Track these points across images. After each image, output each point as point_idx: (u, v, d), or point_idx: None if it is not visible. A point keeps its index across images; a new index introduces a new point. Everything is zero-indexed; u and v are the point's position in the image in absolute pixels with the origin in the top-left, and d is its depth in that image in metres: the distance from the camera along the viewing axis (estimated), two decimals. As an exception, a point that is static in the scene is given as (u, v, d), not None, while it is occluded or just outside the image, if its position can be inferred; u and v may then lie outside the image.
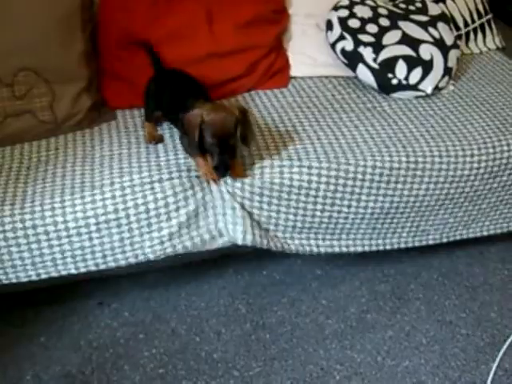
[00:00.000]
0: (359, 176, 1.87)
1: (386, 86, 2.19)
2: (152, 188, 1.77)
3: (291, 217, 1.91)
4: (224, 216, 1.86)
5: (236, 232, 1.88)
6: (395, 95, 2.20)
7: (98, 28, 2.15)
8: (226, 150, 1.71)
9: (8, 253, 1.72)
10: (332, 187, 1.87)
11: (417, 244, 2.13)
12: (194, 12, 2.16)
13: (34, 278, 1.79)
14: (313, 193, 1.86)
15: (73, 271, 1.82)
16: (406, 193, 1.93)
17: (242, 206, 1.85)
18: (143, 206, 1.76)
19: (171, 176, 1.79)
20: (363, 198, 1.91)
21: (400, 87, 2.17)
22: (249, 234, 1.88)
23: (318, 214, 1.92)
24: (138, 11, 2.13)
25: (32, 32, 1.94)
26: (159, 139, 1.98)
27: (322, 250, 2.02)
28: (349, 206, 1.92)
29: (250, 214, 1.88)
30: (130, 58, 2.15)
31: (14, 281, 1.78)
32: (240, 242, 1.89)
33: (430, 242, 2.14)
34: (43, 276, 1.80)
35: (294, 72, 2.35)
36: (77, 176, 1.82)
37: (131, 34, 2.11)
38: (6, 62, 1.93)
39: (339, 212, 1.93)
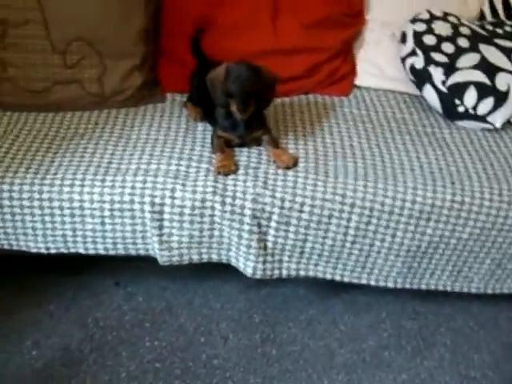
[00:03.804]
0: (396, 210, 1.73)
1: (451, 113, 2.02)
2: (173, 190, 1.70)
3: (318, 246, 1.80)
4: (237, 248, 1.78)
5: (247, 267, 1.81)
6: (460, 123, 2.03)
7: (162, 7, 2.10)
8: (248, 91, 1.68)
9: (22, 220, 1.72)
10: (365, 219, 1.74)
11: (457, 289, 1.95)
12: (261, 4, 2.07)
13: (43, 250, 1.78)
14: (344, 223, 1.74)
15: (81, 251, 1.80)
16: (447, 234, 1.78)
17: (261, 240, 1.76)
18: (159, 206, 1.70)
19: (195, 184, 1.71)
20: (399, 233, 1.77)
21: (466, 116, 2.00)
22: (259, 270, 1.81)
23: (348, 245, 1.79)
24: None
25: (90, 2, 1.91)
26: (202, 116, 1.96)
27: (347, 279, 1.90)
28: (382, 241, 1.78)
29: (266, 247, 1.78)
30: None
31: (24, 249, 1.78)
32: (249, 276, 1.82)
33: (473, 291, 1.96)
34: (52, 250, 1.79)
35: (358, 81, 2.22)
36: (106, 155, 1.79)
37: (193, 18, 2.05)
38: (61, 30, 1.91)
39: (371, 245, 1.80)
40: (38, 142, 1.84)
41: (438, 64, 2.01)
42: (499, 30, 2.13)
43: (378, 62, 2.20)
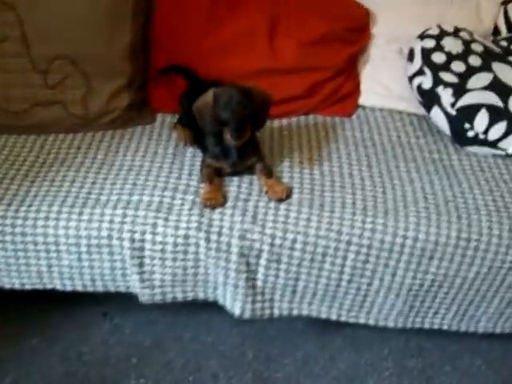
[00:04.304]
0: (396, 248, 1.59)
1: (460, 137, 1.87)
2: (154, 225, 1.58)
3: (311, 285, 1.67)
4: (224, 287, 1.66)
5: (234, 307, 1.68)
6: (470, 149, 1.87)
7: (152, 22, 1.97)
8: (241, 115, 1.56)
9: (-6, 255, 1.62)
10: (363, 257, 1.60)
11: (463, 329, 1.81)
12: (256, 21, 1.95)
13: (17, 286, 1.68)
14: (339, 261, 1.61)
15: (58, 287, 1.69)
16: (451, 273, 1.64)
17: (250, 278, 1.63)
18: (139, 242, 1.58)
19: (179, 219, 1.59)
20: (399, 272, 1.63)
21: (476, 141, 1.84)
22: (248, 310, 1.68)
23: (344, 284, 1.66)
24: (194, 12, 1.94)
25: (74, 17, 1.80)
26: (192, 140, 1.84)
27: (344, 319, 1.76)
28: (381, 280, 1.65)
29: (255, 286, 1.65)
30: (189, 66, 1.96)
31: (-3, 285, 1.69)
32: (237, 316, 1.70)
33: (480, 330, 1.81)
34: (27, 286, 1.68)
35: (363, 100, 2.07)
36: (86, 185, 1.68)
37: (184, 34, 1.92)
38: (42, 47, 1.81)
39: (369, 285, 1.66)
40: (15, 168, 1.73)
41: (447, 84, 1.85)
42: (515, 47, 1.98)
43: (384, 80, 2.05)
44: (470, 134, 1.84)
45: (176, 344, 1.94)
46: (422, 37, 1.95)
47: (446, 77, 1.87)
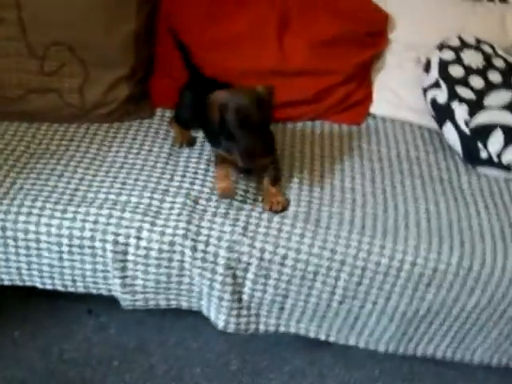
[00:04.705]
0: (392, 272, 1.50)
1: (472, 157, 1.76)
2: (139, 229, 1.51)
3: (300, 303, 1.58)
4: (209, 298, 1.58)
5: (218, 320, 1.61)
6: (482, 170, 1.77)
7: (158, 11, 1.89)
8: (252, 134, 1.44)
9: (-27, 248, 1.56)
10: (356, 279, 1.52)
11: (457, 359, 1.72)
12: (266, 18, 1.85)
13: (-5, 281, 1.62)
14: (331, 281, 1.52)
15: (38, 285, 1.63)
16: (449, 302, 1.55)
17: (236, 292, 1.55)
18: (122, 246, 1.51)
19: (166, 224, 1.51)
20: (394, 297, 1.54)
21: (489, 163, 1.74)
22: (232, 324, 1.61)
23: (335, 304, 1.57)
24: (202, 5, 1.85)
25: (73, 1, 1.72)
26: (189, 141, 1.75)
27: (333, 339, 1.68)
28: (374, 303, 1.56)
29: (241, 299, 1.57)
30: (193, 59, 1.86)
31: (-26, 278, 1.63)
32: (220, 329, 1.63)
33: (476, 362, 1.71)
34: (6, 282, 1.62)
35: (374, 109, 1.97)
36: (74, 180, 1.61)
37: (190, 27, 1.84)
38: (39, 32, 1.73)
39: (362, 307, 1.58)
40: (2, 157, 1.66)
41: (462, 100, 1.75)
42: (540, 64, 1.86)
43: (398, 90, 1.94)
44: (483, 154, 1.74)
45: (160, 348, 1.88)
46: (440, 47, 1.84)
47: (463, 92, 1.76)
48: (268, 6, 1.86)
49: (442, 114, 1.79)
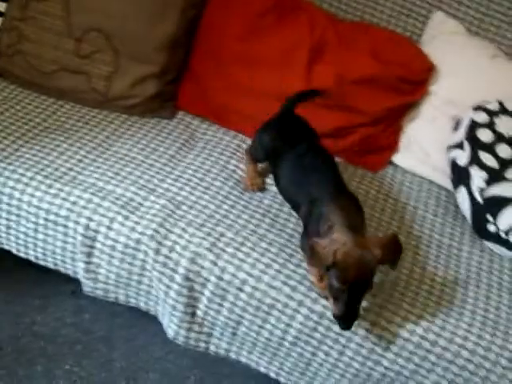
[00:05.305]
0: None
1: (480, 228, 1.64)
2: (112, 220, 1.52)
3: (253, 334, 1.51)
4: (163, 305, 1.55)
5: (168, 328, 1.58)
6: (487, 244, 1.65)
7: (200, 20, 1.90)
8: (357, 298, 1.28)
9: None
10: (312, 324, 1.43)
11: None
12: (300, 42, 1.80)
13: (-28, 240, 1.68)
14: (286, 319, 1.45)
15: (13, 250, 1.66)
16: (405, 372, 1.42)
17: (190, 305, 1.52)
18: (92, 232, 1.52)
19: (138, 221, 1.51)
20: (348, 353, 1.44)
21: (495, 238, 1.61)
22: (181, 337, 1.57)
23: (287, 344, 1.48)
24: (241, 16, 1.85)
25: (121, -7, 1.78)
26: (260, 186, 1.68)
27: (283, 380, 1.57)
28: (327, 354, 1.46)
29: (194, 314, 1.53)
30: (223, 72, 1.87)
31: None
32: (170, 338, 1.60)
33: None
34: (-15, 241, 1.68)
35: (397, 159, 1.88)
36: (72, 160, 1.65)
37: (225, 37, 1.84)
38: (81, 15, 1.79)
39: (314, 355, 1.48)
40: (18, 124, 1.73)
41: (483, 167, 1.64)
42: None
43: (426, 144, 1.85)
44: (491, 228, 1.61)
45: (125, 345, 1.87)
46: (476, 108, 1.73)
47: (486, 158, 1.65)
48: (306, 32, 1.81)
49: (459, 176, 1.69)
